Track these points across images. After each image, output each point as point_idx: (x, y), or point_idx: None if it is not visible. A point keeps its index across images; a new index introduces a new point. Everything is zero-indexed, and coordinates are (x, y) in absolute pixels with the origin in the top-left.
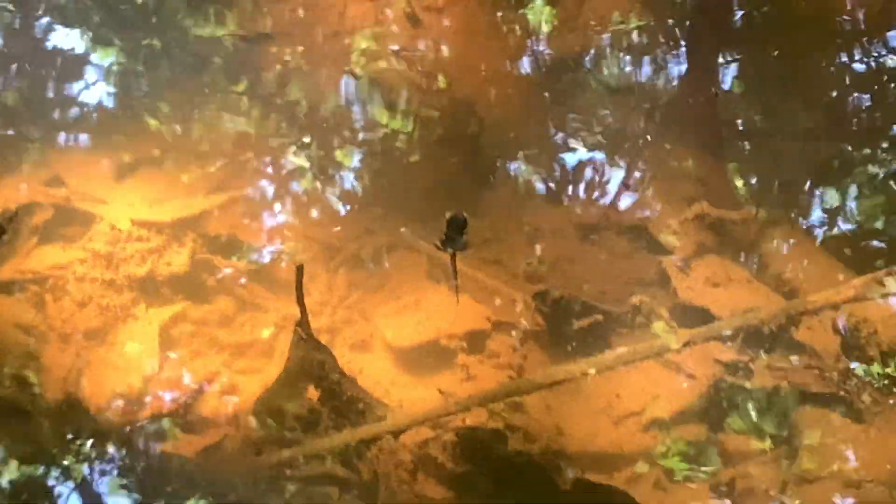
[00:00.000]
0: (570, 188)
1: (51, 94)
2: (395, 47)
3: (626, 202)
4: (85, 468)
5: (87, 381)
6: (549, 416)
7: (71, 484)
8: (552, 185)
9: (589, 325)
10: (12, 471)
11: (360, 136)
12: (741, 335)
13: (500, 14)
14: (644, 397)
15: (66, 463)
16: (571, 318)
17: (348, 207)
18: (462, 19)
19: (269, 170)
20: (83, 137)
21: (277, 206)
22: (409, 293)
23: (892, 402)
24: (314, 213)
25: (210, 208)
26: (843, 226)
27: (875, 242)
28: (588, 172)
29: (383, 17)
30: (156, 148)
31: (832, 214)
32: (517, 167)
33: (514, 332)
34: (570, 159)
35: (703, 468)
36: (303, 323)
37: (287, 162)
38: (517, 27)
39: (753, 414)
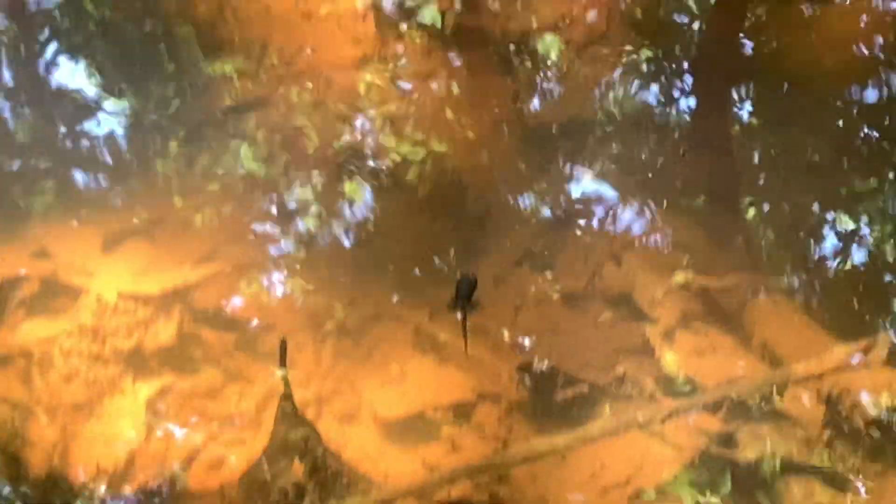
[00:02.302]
0: (556, 256)
1: (35, 166)
2: (383, 112)
3: (611, 271)
4: None
5: (74, 455)
6: (535, 487)
7: None
8: (537, 253)
9: (573, 395)
10: None
11: (342, 209)
12: (726, 405)
13: (489, 77)
14: (629, 467)
15: None
16: (556, 389)
17: (333, 278)
18: (450, 84)
19: (255, 240)
20: (70, 209)
21: (264, 277)
22: (396, 364)
23: (877, 471)
24: (300, 283)
25: (197, 280)
26: (833, 287)
27: (863, 309)
28: (573, 240)
29: (368, 85)
30: (143, 219)
31: (824, 272)
32: (502, 236)
33: (499, 404)
34: (555, 226)
35: None
36: (287, 396)
37: (272, 229)
38: (507, 90)
39: (738, 484)
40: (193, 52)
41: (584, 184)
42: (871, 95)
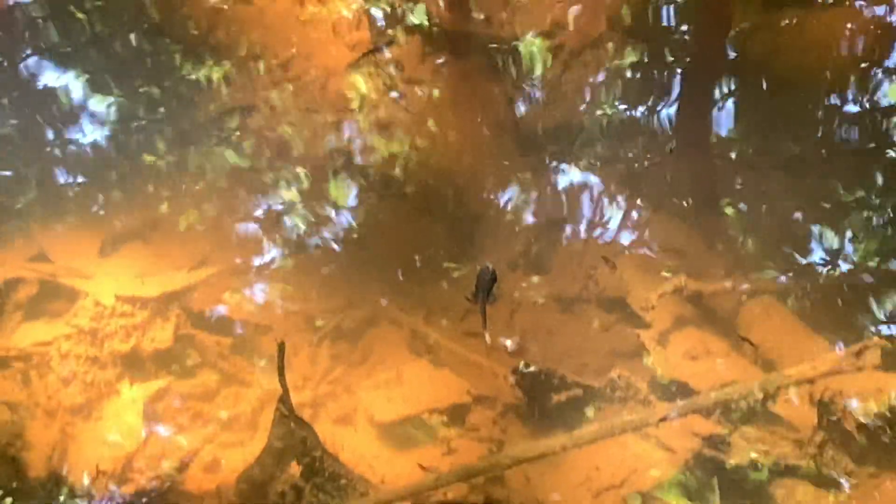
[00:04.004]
0: (550, 260)
1: (35, 170)
2: (375, 117)
3: (604, 275)
4: None
5: (72, 457)
6: (530, 489)
7: None
8: (531, 257)
9: (568, 398)
10: None
11: (339, 211)
12: (719, 408)
13: (481, 82)
14: (623, 470)
15: None
16: (551, 392)
17: (329, 282)
18: (444, 90)
19: (250, 244)
20: (68, 212)
21: (261, 281)
22: (392, 367)
23: (868, 474)
24: (297, 286)
25: (194, 283)
26: (824, 291)
27: (854, 312)
28: (567, 244)
29: (361, 90)
30: (139, 223)
31: (815, 275)
32: (496, 240)
33: (494, 406)
34: (551, 229)
35: None
36: (284, 399)
37: (266, 234)
38: (499, 96)
39: (731, 486)
40: (186, 58)
41: (577, 188)
42: (855, 101)
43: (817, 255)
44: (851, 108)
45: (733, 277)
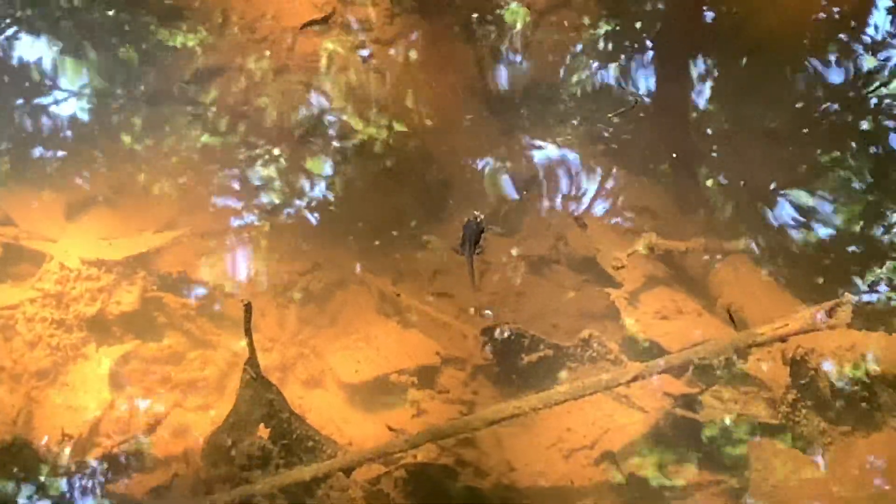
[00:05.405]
0: (520, 221)
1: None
2: (345, 80)
3: (575, 235)
4: None
5: (38, 422)
6: (500, 451)
7: None
8: (502, 218)
9: (539, 359)
10: None
11: (306, 175)
12: (691, 368)
13: (452, 44)
14: (595, 431)
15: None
16: (521, 353)
17: (297, 243)
18: (414, 50)
19: (217, 208)
20: (33, 176)
21: (227, 243)
22: (360, 329)
23: (841, 432)
24: (263, 249)
25: (160, 246)
26: (797, 251)
27: (826, 272)
28: (538, 205)
29: (330, 52)
30: (105, 187)
31: (788, 236)
32: (466, 202)
33: (464, 367)
34: (520, 190)
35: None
36: (252, 361)
37: (234, 197)
38: (469, 58)
39: (703, 446)
40: (154, 22)
41: (548, 150)
42: (833, 67)
43: (790, 217)
44: (829, 72)
45: (705, 237)
